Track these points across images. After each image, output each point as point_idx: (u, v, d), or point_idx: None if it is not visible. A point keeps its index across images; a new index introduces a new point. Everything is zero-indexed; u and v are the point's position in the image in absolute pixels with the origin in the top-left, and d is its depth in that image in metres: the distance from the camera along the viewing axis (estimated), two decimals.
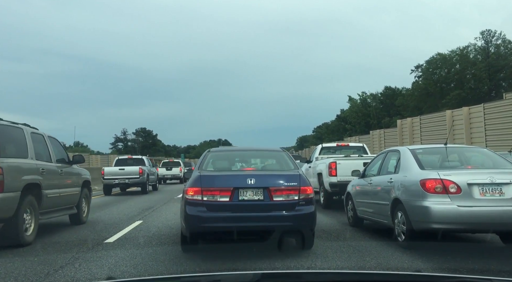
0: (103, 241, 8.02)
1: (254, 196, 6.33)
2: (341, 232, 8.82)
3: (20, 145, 8.02)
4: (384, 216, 7.67)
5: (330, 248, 7.12)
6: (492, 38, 50.04)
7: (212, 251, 6.91)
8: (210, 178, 6.62)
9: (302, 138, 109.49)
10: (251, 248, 6.89)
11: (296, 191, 6.38)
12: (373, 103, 62.74)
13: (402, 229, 6.96)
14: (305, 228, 6.51)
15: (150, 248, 7.35)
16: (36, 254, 6.96)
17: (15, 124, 8.24)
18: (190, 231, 6.37)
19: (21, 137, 8.12)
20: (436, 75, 53.64)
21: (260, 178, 6.47)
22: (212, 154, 7.78)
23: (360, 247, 7.17)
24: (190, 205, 6.29)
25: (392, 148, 8.58)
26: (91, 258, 6.57)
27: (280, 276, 2.49)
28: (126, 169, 20.74)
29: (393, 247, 7.00)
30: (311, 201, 6.50)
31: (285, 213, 6.31)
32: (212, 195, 6.29)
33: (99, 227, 9.96)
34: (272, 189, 6.33)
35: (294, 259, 6.36)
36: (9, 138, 7.75)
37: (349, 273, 3.08)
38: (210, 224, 6.24)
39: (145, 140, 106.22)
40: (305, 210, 6.36)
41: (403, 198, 6.89)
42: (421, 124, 28.68)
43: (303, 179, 6.59)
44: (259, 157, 8.80)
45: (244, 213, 6.26)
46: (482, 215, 6.19)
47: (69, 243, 7.97)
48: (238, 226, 6.30)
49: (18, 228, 7.38)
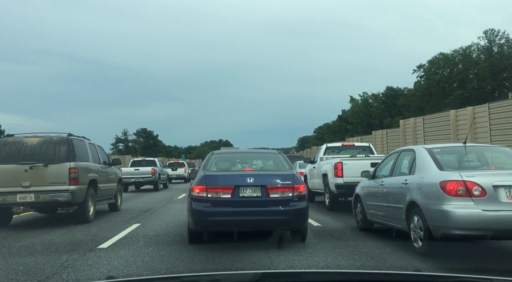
0: (96, 247, 7.49)
1: (253, 193, 7.10)
2: (350, 236, 8.27)
3: (84, 152, 11.09)
4: (398, 220, 7.14)
5: (341, 255, 6.60)
6: (495, 38, 49.52)
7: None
8: (214, 177, 7.38)
9: (303, 138, 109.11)
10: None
11: (290, 189, 7.14)
12: (374, 103, 62.17)
13: (419, 235, 6.42)
14: (299, 222, 7.21)
15: (147, 255, 6.82)
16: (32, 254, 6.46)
17: (80, 138, 11.39)
18: (196, 224, 7.10)
19: (84, 146, 11.30)
20: (439, 75, 53.13)
21: (258, 177, 7.25)
22: (215, 156, 8.51)
23: (373, 254, 6.64)
24: (196, 201, 7.06)
25: (406, 148, 8.01)
26: (81, 268, 6.03)
27: (280, 276, 2.49)
28: (140, 170, 23.93)
29: (410, 254, 6.48)
30: (304, 197, 7.27)
31: (281, 208, 7.07)
32: (216, 192, 7.08)
33: (94, 231, 9.46)
34: (269, 187, 7.11)
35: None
36: (78, 148, 10.79)
37: (349, 272, 3.09)
38: (214, 218, 6.97)
39: (146, 140, 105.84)
40: (298, 206, 7.12)
41: (420, 201, 6.35)
42: (424, 124, 28.28)
43: (296, 178, 7.36)
44: (257, 158, 9.36)
45: (244, 208, 6.99)
46: (510, 220, 5.65)
47: (60, 248, 7.44)
48: (239, 219, 7.03)
49: (86, 210, 10.58)
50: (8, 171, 9.85)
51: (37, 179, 9.86)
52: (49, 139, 10.36)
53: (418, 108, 51.11)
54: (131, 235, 8.73)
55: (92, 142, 12.25)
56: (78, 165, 10.22)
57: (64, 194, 9.88)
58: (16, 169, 9.85)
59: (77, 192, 10.08)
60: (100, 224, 10.47)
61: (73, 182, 10.00)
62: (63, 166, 10.02)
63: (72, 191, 9.97)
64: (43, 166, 9.94)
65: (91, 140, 12.26)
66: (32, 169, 9.87)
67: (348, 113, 64.88)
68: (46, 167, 9.96)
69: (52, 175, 9.96)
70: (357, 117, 60.52)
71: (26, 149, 10.08)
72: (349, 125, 61.31)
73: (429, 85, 51.96)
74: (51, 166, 9.98)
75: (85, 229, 9.71)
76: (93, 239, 8.33)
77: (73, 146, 10.40)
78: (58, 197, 9.85)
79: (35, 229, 9.81)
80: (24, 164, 9.88)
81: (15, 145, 10.16)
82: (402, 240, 7.11)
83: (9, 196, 9.72)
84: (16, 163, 9.90)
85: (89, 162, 11.17)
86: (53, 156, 10.06)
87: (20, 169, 9.85)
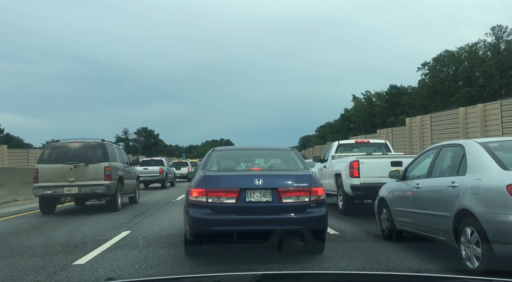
0: (72, 263, 6.17)
1: (262, 197, 5.99)
2: (377, 248, 6.91)
3: (113, 154, 13.41)
4: (441, 231, 5.81)
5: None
6: (503, 34, 48.19)
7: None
8: (215, 179, 6.25)
9: (304, 137, 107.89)
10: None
11: (306, 192, 6.05)
12: (378, 102, 60.94)
13: (474, 252, 5.09)
14: (316, 232, 6.10)
15: (133, 270, 5.54)
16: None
17: (110, 142, 14.15)
18: (194, 235, 6.06)
19: (113, 149, 13.71)
20: (444, 73, 51.87)
21: (268, 179, 6.12)
22: (217, 153, 7.37)
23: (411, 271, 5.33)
24: (194, 207, 5.96)
25: (449, 142, 6.60)
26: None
27: (280, 277, 2.42)
28: (149, 169, 25.65)
29: (464, 275, 5.18)
30: (323, 203, 6.19)
31: (295, 215, 5.98)
32: (218, 196, 5.97)
33: (76, 239, 8.17)
34: (281, 190, 6.00)
35: None
36: (110, 150, 13.18)
37: (349, 274, 3.00)
38: (216, 228, 5.92)
39: (147, 140, 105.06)
40: (316, 213, 6.03)
41: (476, 210, 5.02)
42: (432, 122, 27.26)
43: (314, 179, 6.26)
44: (266, 156, 8.44)
45: (252, 215, 5.90)
46: None
47: (23, 270, 6.14)
48: (245, 229, 5.94)
49: (116, 201, 12.94)
50: (57, 169, 12.37)
51: (79, 176, 12.35)
52: (88, 143, 12.88)
53: (422, 107, 50.05)
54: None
55: (117, 145, 15.20)
56: (111, 164, 12.66)
57: (101, 187, 12.36)
58: (63, 168, 12.36)
59: (110, 186, 12.51)
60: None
61: (107, 178, 12.44)
62: (99, 165, 12.46)
63: (107, 185, 12.41)
64: (84, 165, 12.44)
65: (108, 142, 13.95)
66: (75, 168, 12.36)
67: (351, 111, 63.74)
68: (87, 166, 12.45)
69: (91, 173, 12.42)
70: (360, 116, 59.39)
71: (70, 152, 12.57)
72: (352, 124, 60.17)
73: (434, 83, 50.84)
74: (90, 166, 12.46)
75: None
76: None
77: (106, 149, 12.85)
78: (96, 190, 12.36)
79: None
80: (69, 164, 12.40)
81: (61, 149, 12.68)
82: (443, 253, 5.95)
83: (58, 189, 12.29)
84: (63, 163, 12.42)
85: (118, 162, 13.54)
86: (91, 158, 12.53)
87: (66, 167, 12.36)
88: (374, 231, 8.40)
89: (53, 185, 12.22)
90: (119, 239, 8.12)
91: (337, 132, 66.18)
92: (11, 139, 75.46)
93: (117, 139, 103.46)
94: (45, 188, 12.25)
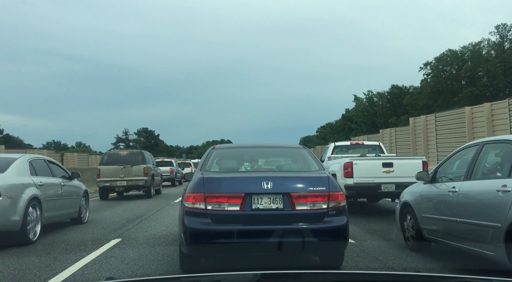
0: (48, 281, 5.23)
1: (272, 204, 5.12)
2: (404, 260, 5.99)
3: (148, 159, 19.36)
4: (488, 245, 4.87)
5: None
6: (507, 33, 47.43)
7: None
8: (215, 181, 5.38)
9: (305, 138, 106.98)
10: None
11: (324, 198, 5.17)
12: (379, 102, 60.17)
13: None
14: (336, 246, 5.29)
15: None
16: None
17: (141, 150, 20.61)
18: (190, 248, 5.15)
19: (148, 156, 19.95)
20: (447, 72, 51.13)
21: (278, 181, 5.25)
22: (218, 152, 6.42)
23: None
24: (191, 216, 5.07)
25: (492, 138, 5.63)
26: None
27: (280, 276, 2.38)
28: (161, 169, 28.68)
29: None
30: (344, 210, 5.27)
31: (311, 226, 5.11)
32: (219, 202, 5.09)
33: (59, 249, 7.22)
34: (294, 195, 5.13)
35: None
36: (146, 156, 19.18)
37: (349, 273, 2.92)
38: (216, 240, 5.09)
39: (147, 140, 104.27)
40: (336, 222, 5.15)
41: None
42: (436, 122, 26.56)
43: (332, 182, 5.36)
44: (275, 155, 7.42)
45: (259, 226, 5.07)
46: None
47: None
48: (251, 242, 5.07)
49: (150, 191, 18.67)
50: (112, 169, 17.86)
51: (127, 174, 17.87)
52: (132, 152, 19.34)
53: (425, 107, 49.32)
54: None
55: (145, 151, 20.40)
56: (147, 166, 18.34)
57: (141, 181, 17.93)
58: (116, 168, 17.89)
59: (147, 181, 18.04)
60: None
61: (145, 175, 17.98)
62: (140, 166, 18.09)
63: (145, 180, 17.98)
64: (130, 166, 17.98)
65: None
66: (124, 168, 17.93)
67: (352, 112, 62.94)
68: (132, 167, 17.98)
69: (135, 171, 17.92)
70: (361, 116, 58.63)
71: (121, 157, 18.44)
72: (353, 124, 59.44)
73: (436, 82, 50.12)
74: (134, 167, 18.00)
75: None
76: None
77: (144, 156, 18.67)
78: (138, 183, 17.96)
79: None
80: (120, 165, 17.97)
81: (115, 155, 18.83)
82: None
83: (113, 182, 17.82)
84: (116, 164, 17.99)
85: (151, 164, 19.23)
86: (135, 161, 18.17)
87: (118, 168, 17.92)
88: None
89: (110, 180, 17.80)
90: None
91: (338, 132, 65.47)
92: (11, 139, 74.75)
93: (118, 139, 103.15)
94: (105, 182, 17.84)
